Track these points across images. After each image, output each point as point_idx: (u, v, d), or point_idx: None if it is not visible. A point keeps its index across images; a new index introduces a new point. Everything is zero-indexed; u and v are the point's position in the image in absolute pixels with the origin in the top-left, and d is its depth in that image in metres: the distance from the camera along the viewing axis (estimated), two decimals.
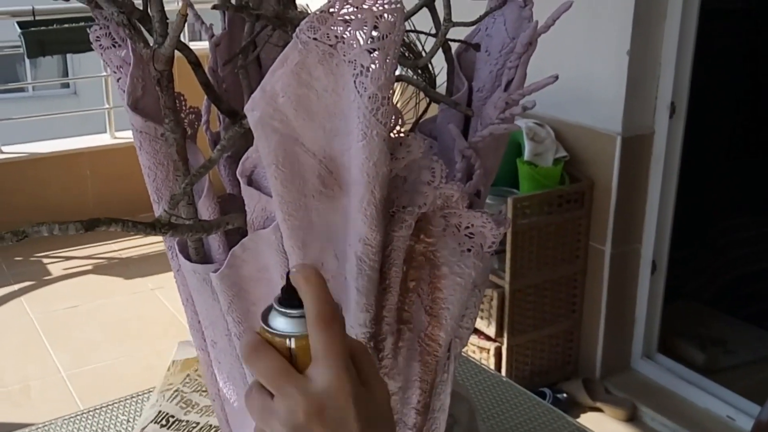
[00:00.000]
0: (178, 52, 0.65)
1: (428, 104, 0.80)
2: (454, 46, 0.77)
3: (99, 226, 0.60)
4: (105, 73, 4.13)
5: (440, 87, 0.77)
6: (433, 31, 0.73)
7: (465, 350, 0.92)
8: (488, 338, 2.65)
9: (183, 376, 1.09)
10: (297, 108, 0.59)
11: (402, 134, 0.63)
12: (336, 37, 0.56)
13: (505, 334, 2.60)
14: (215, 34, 0.82)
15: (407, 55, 0.81)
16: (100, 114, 4.31)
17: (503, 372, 2.62)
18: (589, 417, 2.61)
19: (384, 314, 0.68)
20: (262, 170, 0.66)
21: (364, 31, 0.55)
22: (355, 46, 0.56)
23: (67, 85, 12.36)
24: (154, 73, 0.65)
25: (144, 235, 0.72)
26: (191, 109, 0.79)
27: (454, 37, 0.75)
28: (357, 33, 0.56)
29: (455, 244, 0.67)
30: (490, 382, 1.29)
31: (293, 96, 0.59)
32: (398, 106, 0.66)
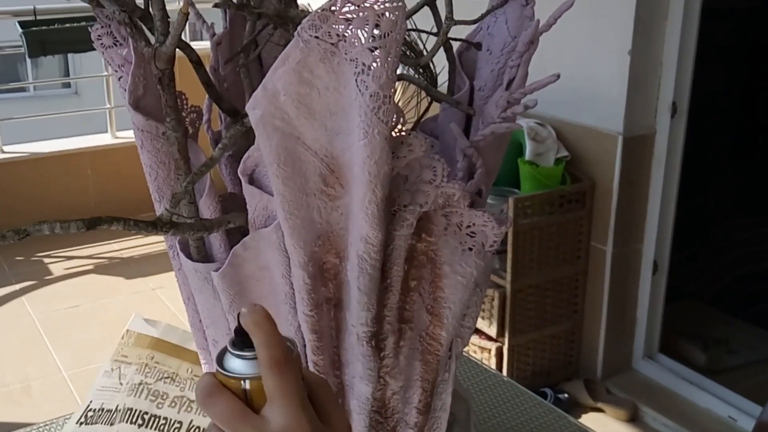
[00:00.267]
0: (179, 50, 0.65)
1: (429, 103, 0.80)
2: (455, 45, 0.77)
3: (100, 224, 0.60)
4: (106, 73, 4.14)
5: (441, 86, 0.77)
6: (434, 30, 0.73)
7: (466, 350, 0.92)
8: (489, 338, 2.65)
9: (137, 353, 1.04)
10: (298, 106, 0.59)
11: (403, 133, 0.63)
12: (337, 35, 0.56)
13: (506, 334, 2.60)
14: (216, 33, 0.82)
15: (408, 53, 0.81)
16: (102, 114, 4.31)
17: (504, 372, 2.62)
18: (591, 417, 2.61)
19: (385, 313, 0.68)
20: (264, 169, 0.66)
21: (366, 30, 0.55)
22: (356, 44, 0.56)
23: (68, 85, 12.36)
24: (155, 72, 0.65)
25: (145, 234, 0.72)
26: (192, 108, 0.79)
27: (456, 35, 0.75)
28: (358, 31, 0.56)
29: (457, 243, 0.67)
30: (491, 382, 1.29)
31: (294, 94, 0.59)
32: (400, 104, 0.66)
